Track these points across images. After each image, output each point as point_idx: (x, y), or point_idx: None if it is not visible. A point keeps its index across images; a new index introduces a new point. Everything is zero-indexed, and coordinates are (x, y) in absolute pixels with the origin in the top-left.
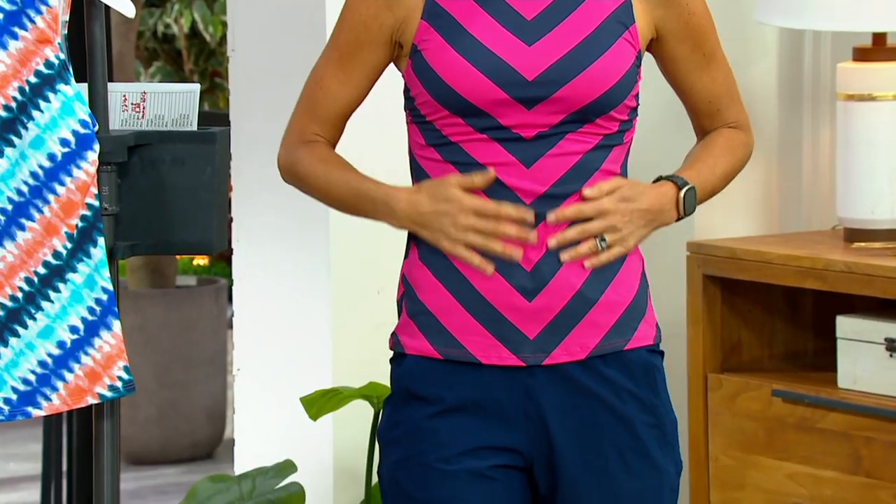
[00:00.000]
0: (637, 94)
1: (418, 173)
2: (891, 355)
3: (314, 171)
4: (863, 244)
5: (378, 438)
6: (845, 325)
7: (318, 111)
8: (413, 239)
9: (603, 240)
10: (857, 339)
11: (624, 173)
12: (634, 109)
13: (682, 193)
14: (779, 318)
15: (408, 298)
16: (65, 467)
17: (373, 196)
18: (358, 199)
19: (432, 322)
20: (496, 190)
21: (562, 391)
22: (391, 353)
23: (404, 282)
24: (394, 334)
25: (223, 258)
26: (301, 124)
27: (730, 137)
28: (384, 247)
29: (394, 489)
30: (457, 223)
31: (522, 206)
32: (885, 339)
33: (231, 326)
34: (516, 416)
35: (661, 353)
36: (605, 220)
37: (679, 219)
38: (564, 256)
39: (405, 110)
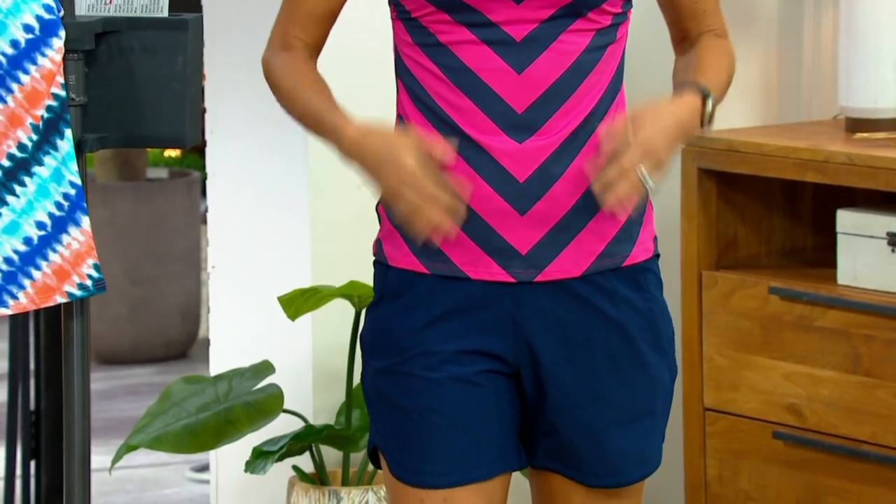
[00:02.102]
0: None
1: (404, 74)
2: (893, 250)
3: (284, 84)
4: (865, 134)
5: (360, 344)
6: (846, 219)
7: (301, 8)
8: None
9: (643, 174)
10: (857, 233)
11: (619, 78)
12: (628, 0)
13: (708, 106)
14: (777, 212)
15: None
16: (32, 366)
17: (324, 122)
18: (315, 123)
19: None
20: (487, 100)
21: (553, 301)
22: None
23: None
24: (377, 241)
25: (196, 150)
26: (284, 26)
27: (721, 45)
28: None
29: (377, 397)
30: (393, 187)
31: (460, 199)
32: (887, 234)
33: (205, 221)
34: (503, 323)
35: (657, 256)
36: (639, 150)
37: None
38: (611, 205)
39: (389, 5)
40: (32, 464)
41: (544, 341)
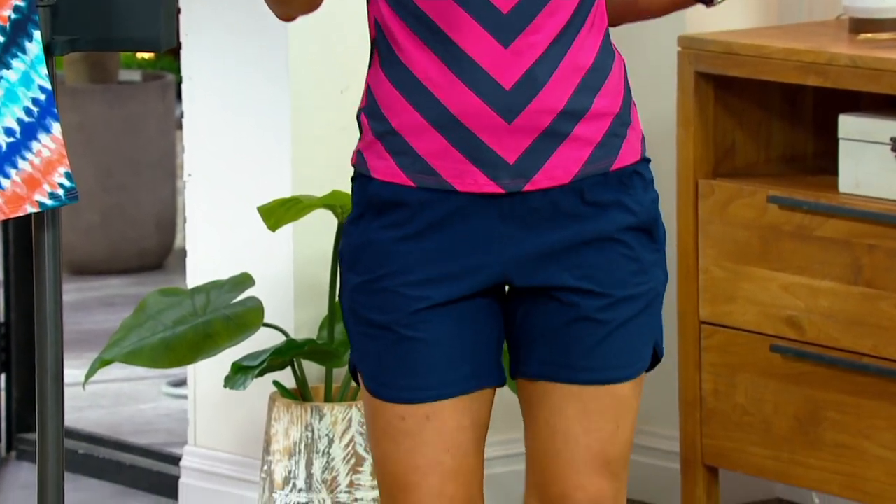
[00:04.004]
0: None
1: (381, 42)
2: None
3: None
4: (869, 35)
5: (339, 260)
6: (848, 124)
7: None
8: (375, 45)
9: None
10: (860, 139)
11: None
12: None
13: None
14: (777, 117)
15: (371, 114)
16: (1, 277)
17: None
18: None
19: (401, 144)
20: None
21: (543, 211)
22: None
23: (368, 94)
24: (358, 152)
25: (171, 51)
26: None
27: None
28: (348, 41)
29: (355, 314)
30: None
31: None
32: (891, 139)
33: (180, 127)
34: (490, 239)
35: (647, 160)
36: None
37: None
38: None
39: None
40: (3, 378)
41: (533, 253)
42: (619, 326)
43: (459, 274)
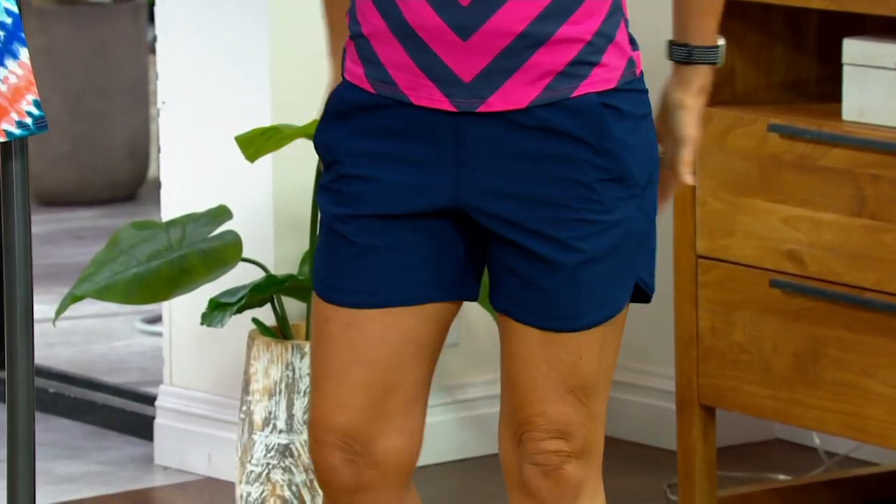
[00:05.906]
0: None
1: None
2: None
3: None
4: None
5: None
6: (853, 48)
7: None
8: None
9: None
10: (866, 64)
11: None
12: None
13: (719, 63)
14: (778, 42)
15: (352, 16)
16: None
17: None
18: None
19: (368, 50)
20: None
21: (497, 135)
22: None
23: None
24: (344, 51)
25: None
26: None
27: None
28: None
29: (319, 214)
30: None
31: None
32: None
33: (153, 51)
34: (445, 159)
35: (628, 90)
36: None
37: None
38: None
39: None
40: None
41: (488, 180)
42: (578, 271)
43: (414, 188)
